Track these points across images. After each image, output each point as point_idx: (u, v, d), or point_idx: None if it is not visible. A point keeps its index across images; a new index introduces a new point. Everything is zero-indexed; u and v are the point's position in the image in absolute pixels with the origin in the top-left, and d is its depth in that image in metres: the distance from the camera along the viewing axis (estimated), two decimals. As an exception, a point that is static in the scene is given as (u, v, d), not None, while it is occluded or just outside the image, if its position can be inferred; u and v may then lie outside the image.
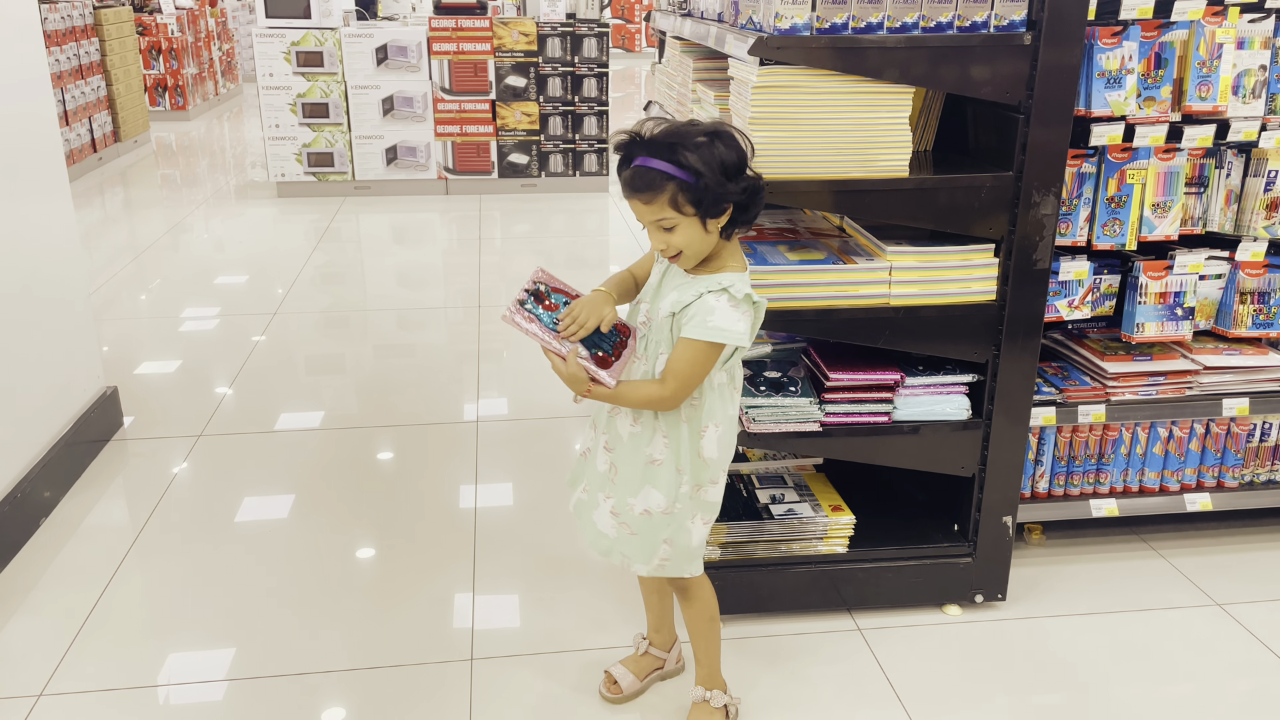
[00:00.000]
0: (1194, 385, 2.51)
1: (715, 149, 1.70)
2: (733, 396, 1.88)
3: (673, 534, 1.89)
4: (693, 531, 1.90)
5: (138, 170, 7.71)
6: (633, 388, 1.81)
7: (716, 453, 1.87)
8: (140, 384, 3.76)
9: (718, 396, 1.85)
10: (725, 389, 1.86)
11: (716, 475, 1.89)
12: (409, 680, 2.22)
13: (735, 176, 1.72)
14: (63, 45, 7.08)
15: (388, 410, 3.57)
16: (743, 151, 1.74)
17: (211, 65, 10.53)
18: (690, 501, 1.88)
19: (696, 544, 1.91)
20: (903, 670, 2.25)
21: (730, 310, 1.75)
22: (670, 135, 1.71)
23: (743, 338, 1.77)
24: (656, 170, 1.69)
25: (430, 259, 5.65)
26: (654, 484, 1.86)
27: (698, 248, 1.76)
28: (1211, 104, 2.29)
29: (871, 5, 1.99)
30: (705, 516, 1.91)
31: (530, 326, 1.80)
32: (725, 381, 1.86)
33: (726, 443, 1.89)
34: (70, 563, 2.65)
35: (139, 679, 2.22)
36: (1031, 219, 2.13)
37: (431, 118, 6.66)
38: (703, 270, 1.81)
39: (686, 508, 1.88)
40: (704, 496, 1.89)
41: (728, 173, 1.71)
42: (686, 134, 1.71)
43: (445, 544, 2.74)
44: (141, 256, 5.47)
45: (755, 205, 1.77)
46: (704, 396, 1.84)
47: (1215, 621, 2.43)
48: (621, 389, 1.80)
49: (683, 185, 1.69)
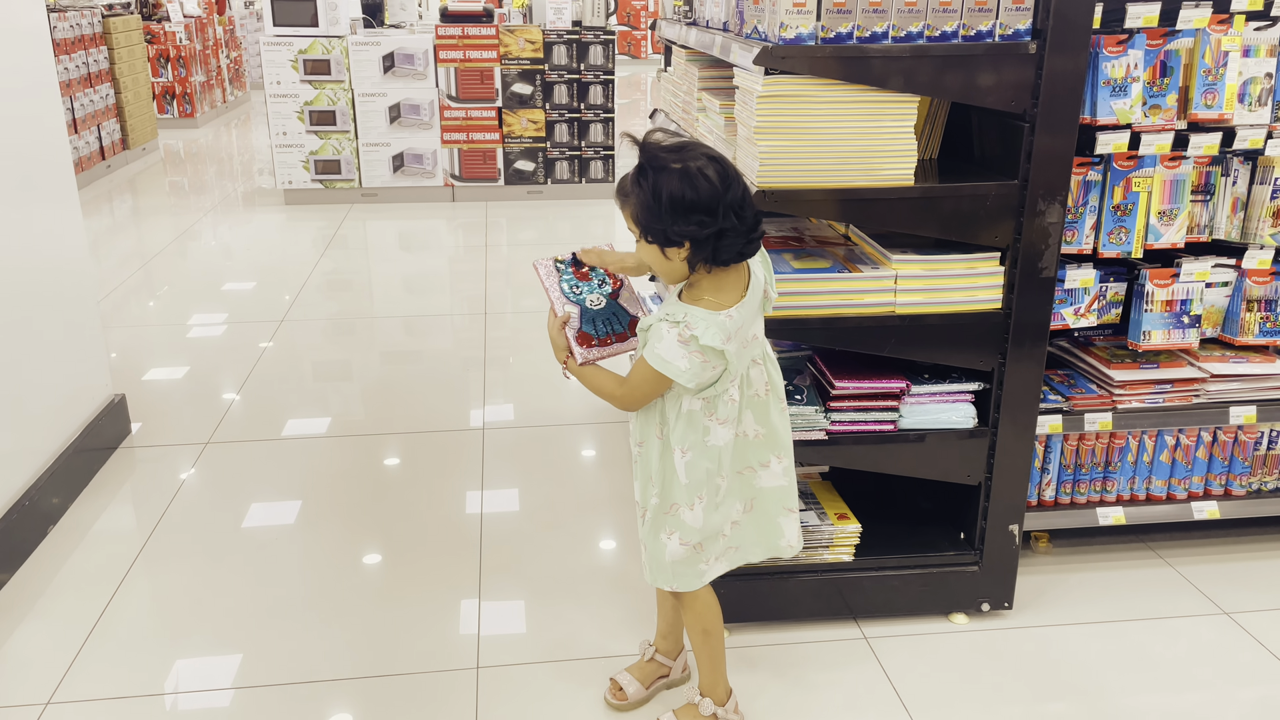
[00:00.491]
0: (1201, 393, 2.50)
1: (669, 181, 1.64)
2: (709, 426, 1.82)
3: (646, 537, 1.92)
4: (665, 545, 1.89)
5: (146, 178, 7.74)
6: (598, 374, 1.87)
7: (686, 479, 1.84)
8: (148, 391, 3.78)
9: (686, 424, 1.81)
10: (697, 416, 1.81)
11: (691, 500, 1.85)
12: (415, 688, 2.23)
13: (684, 214, 1.65)
14: (72, 54, 7.12)
15: (394, 417, 3.57)
16: (707, 192, 1.64)
17: (219, 73, 10.58)
18: (660, 514, 1.88)
19: (670, 560, 1.90)
20: (909, 679, 2.24)
21: (675, 345, 1.72)
22: (650, 152, 1.69)
23: (682, 375, 1.72)
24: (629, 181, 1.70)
25: (437, 266, 5.67)
26: (636, 477, 1.93)
27: (661, 269, 1.75)
28: (1217, 112, 2.29)
29: (876, 15, 2.00)
30: (683, 537, 1.88)
31: (548, 280, 1.85)
32: (699, 409, 1.81)
33: (699, 471, 1.84)
34: (78, 569, 2.66)
35: (147, 687, 2.23)
36: (1037, 227, 2.13)
37: (438, 125, 6.68)
38: (686, 293, 1.79)
39: (657, 518, 1.89)
40: (678, 515, 1.87)
41: (675, 208, 1.64)
42: (660, 157, 1.67)
43: (451, 551, 2.75)
44: (149, 264, 5.49)
45: (724, 247, 1.68)
46: (669, 422, 1.83)
47: (1223, 630, 2.43)
48: (588, 371, 1.86)
49: (639, 204, 1.69)
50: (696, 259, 1.70)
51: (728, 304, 1.76)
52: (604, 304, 1.87)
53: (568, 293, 1.84)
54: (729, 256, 1.71)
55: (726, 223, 1.66)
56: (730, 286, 1.77)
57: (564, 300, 1.84)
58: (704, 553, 1.91)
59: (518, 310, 4.69)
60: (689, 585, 1.93)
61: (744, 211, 1.68)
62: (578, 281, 1.84)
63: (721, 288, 1.76)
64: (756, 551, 2.00)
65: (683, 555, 1.90)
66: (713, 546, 1.92)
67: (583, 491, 3.09)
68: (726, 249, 1.69)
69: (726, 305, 1.75)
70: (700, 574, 1.93)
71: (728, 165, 1.70)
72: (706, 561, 1.93)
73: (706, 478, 1.86)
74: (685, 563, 1.91)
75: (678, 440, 1.83)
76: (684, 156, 1.67)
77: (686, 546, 1.89)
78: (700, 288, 1.77)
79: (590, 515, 2.94)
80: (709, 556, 1.92)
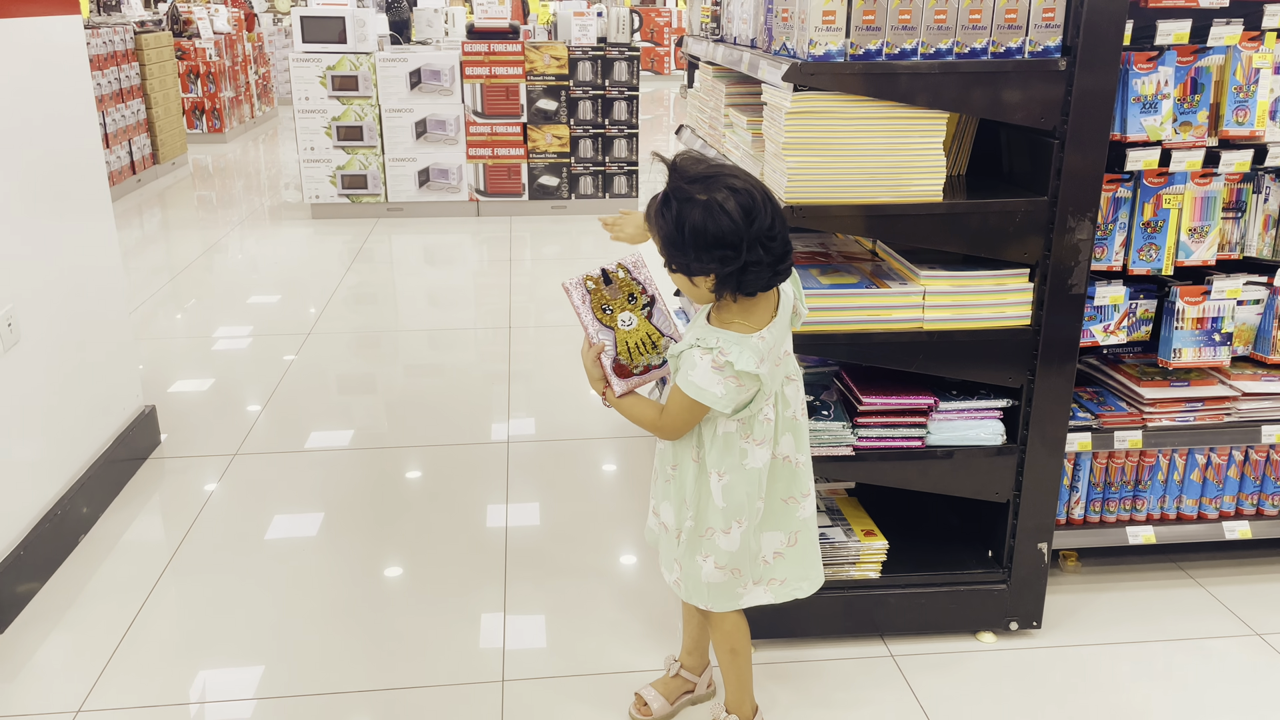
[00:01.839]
0: (1232, 411, 2.48)
1: (692, 214, 1.62)
2: (745, 448, 1.80)
3: (681, 558, 1.91)
4: (701, 567, 1.88)
5: (175, 192, 7.84)
6: (637, 404, 1.85)
7: (723, 502, 1.82)
8: (176, 402, 3.82)
9: (723, 447, 1.80)
10: (734, 439, 1.80)
11: (728, 524, 1.83)
12: (441, 700, 2.23)
13: (707, 248, 1.62)
14: (104, 69, 7.23)
15: (418, 430, 3.59)
16: (729, 228, 1.60)
17: (248, 89, 10.71)
18: (695, 536, 1.87)
19: (707, 581, 1.88)
20: (936, 698, 2.23)
21: (709, 372, 1.70)
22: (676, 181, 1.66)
23: (719, 401, 1.70)
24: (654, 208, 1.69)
25: (461, 280, 5.70)
26: (668, 498, 1.92)
27: (689, 293, 1.73)
28: (1249, 129, 2.27)
29: (905, 31, 2.00)
30: (718, 560, 1.86)
31: (580, 305, 1.82)
32: (734, 431, 1.80)
33: (738, 494, 1.82)
34: (108, 579, 2.68)
35: (174, 696, 2.24)
36: (1067, 244, 2.13)
37: (463, 140, 6.73)
38: (715, 316, 1.78)
39: (692, 541, 1.88)
40: (712, 539, 1.86)
41: (698, 242, 1.62)
42: (685, 188, 1.64)
43: (475, 564, 2.75)
44: (178, 277, 5.55)
45: (748, 280, 1.66)
46: (704, 445, 1.82)
47: (1255, 651, 2.39)
48: (627, 402, 1.84)
49: (662, 234, 1.68)
50: (723, 290, 1.69)
51: (759, 325, 1.73)
52: (636, 324, 1.83)
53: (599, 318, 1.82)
54: (756, 288, 1.69)
55: (752, 256, 1.62)
56: (761, 309, 1.75)
57: (598, 327, 1.81)
58: (742, 577, 1.90)
59: (541, 325, 4.71)
60: (724, 607, 1.92)
61: (772, 242, 1.64)
62: (609, 299, 1.83)
63: (752, 311, 1.74)
64: (805, 586, 1.96)
65: (719, 579, 1.89)
66: (751, 571, 1.90)
67: (607, 506, 3.09)
68: (751, 282, 1.67)
69: (758, 327, 1.73)
70: (737, 597, 1.91)
71: (756, 196, 1.64)
72: (744, 586, 1.91)
73: (747, 501, 1.83)
74: (723, 586, 1.90)
75: (714, 464, 1.81)
76: (710, 188, 1.63)
77: (723, 571, 1.87)
78: (730, 310, 1.74)
79: (615, 530, 2.94)
80: (746, 581, 1.90)
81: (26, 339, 2.67)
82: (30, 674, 2.32)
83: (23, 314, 2.65)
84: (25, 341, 2.66)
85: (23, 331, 2.65)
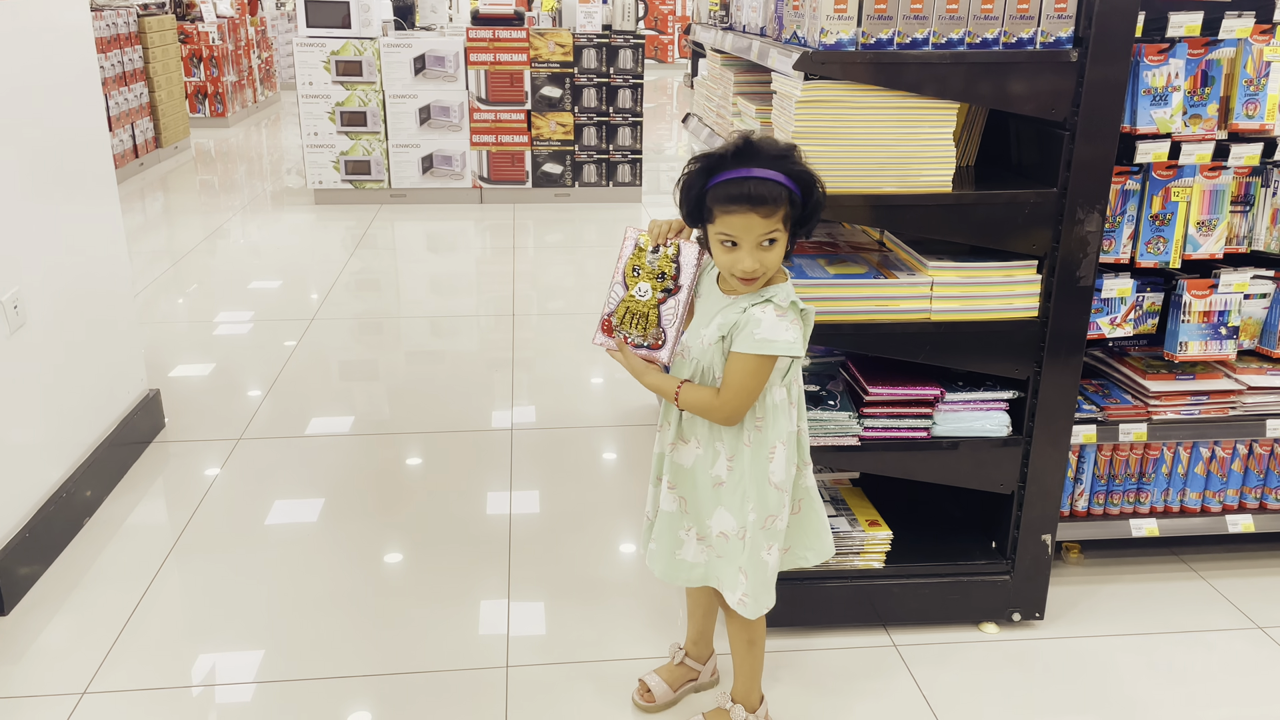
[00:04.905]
0: (1237, 405, 2.48)
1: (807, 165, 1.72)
2: (790, 413, 1.84)
3: (747, 562, 1.86)
4: (767, 562, 1.87)
5: (178, 176, 7.83)
6: (694, 390, 1.81)
7: (783, 474, 1.83)
8: (179, 387, 3.82)
9: (774, 416, 1.82)
10: (784, 406, 1.83)
11: (781, 503, 1.85)
12: (444, 686, 2.24)
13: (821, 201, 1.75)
14: (107, 52, 7.21)
15: (421, 416, 3.59)
16: None
17: (251, 73, 10.68)
18: (758, 530, 1.85)
19: (772, 574, 1.88)
20: (939, 688, 2.23)
21: (776, 320, 1.73)
22: (774, 146, 1.71)
23: (794, 346, 1.74)
24: (777, 182, 1.67)
25: (464, 267, 5.69)
26: (723, 504, 1.87)
27: (775, 261, 1.76)
28: (1259, 122, 2.27)
29: (917, 21, 1.99)
30: (779, 544, 1.88)
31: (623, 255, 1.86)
32: (783, 398, 1.83)
33: (790, 466, 1.85)
34: (112, 563, 2.69)
35: (178, 679, 2.25)
36: (1075, 236, 2.12)
37: (467, 127, 6.72)
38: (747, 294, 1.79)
39: (757, 537, 1.85)
40: (774, 525, 1.86)
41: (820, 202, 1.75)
42: (782, 147, 1.71)
43: (478, 550, 2.76)
44: (180, 262, 5.54)
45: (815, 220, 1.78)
46: (767, 416, 1.81)
47: (1256, 644, 2.40)
48: (684, 391, 1.82)
49: (792, 199, 1.69)
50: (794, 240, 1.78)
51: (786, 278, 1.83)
52: (647, 299, 1.83)
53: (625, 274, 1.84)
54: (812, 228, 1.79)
55: None
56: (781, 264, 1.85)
57: (619, 279, 1.85)
58: None
59: (544, 312, 4.71)
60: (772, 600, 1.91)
61: None
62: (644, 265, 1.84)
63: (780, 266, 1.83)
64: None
65: (775, 564, 1.88)
66: None
67: (611, 493, 3.10)
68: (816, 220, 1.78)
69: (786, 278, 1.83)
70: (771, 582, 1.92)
71: None
72: None
73: (791, 471, 1.86)
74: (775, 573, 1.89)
75: (774, 436, 1.82)
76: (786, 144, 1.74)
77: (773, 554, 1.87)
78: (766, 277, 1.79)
79: (618, 517, 2.94)
80: None
81: (32, 322, 2.66)
82: (35, 656, 2.32)
83: (29, 296, 2.65)
84: (31, 324, 2.66)
85: (29, 314, 2.65)
